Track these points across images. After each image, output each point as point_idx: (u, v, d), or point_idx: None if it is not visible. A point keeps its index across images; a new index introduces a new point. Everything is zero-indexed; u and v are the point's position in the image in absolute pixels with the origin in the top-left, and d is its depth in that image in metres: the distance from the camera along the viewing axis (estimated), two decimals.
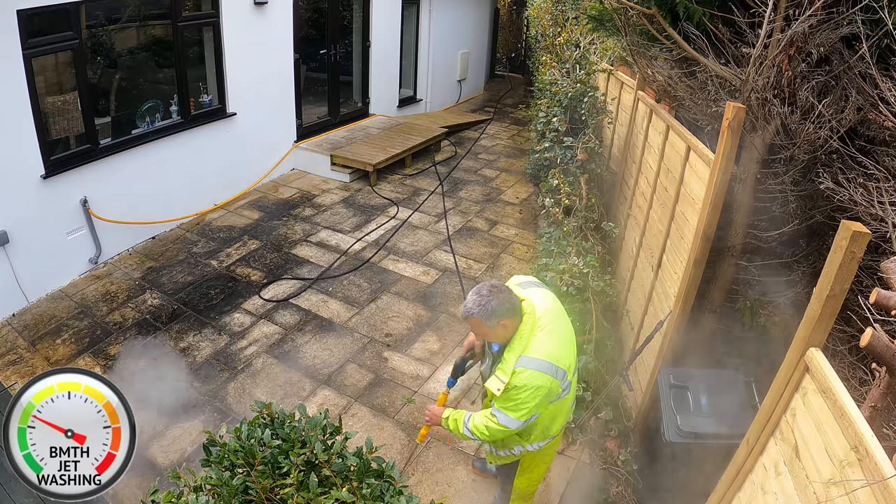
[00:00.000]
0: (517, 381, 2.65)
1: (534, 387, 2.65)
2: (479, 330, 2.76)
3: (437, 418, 3.03)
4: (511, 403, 2.70)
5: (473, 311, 2.67)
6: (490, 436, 2.84)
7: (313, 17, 9.62)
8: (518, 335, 2.71)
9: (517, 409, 2.70)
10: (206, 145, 7.39)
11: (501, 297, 2.67)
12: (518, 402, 2.68)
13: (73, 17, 5.49)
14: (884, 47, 3.14)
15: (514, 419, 2.73)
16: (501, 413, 2.74)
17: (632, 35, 4.54)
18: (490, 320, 2.66)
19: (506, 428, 2.77)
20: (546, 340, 2.70)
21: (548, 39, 9.32)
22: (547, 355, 2.68)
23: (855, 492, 1.79)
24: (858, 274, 2.96)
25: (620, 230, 5.85)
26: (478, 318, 2.67)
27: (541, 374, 2.66)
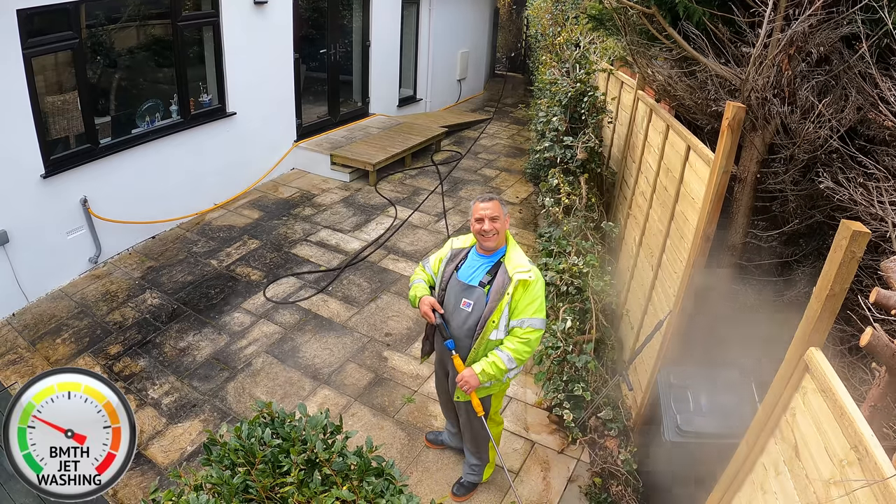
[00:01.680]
0: (535, 274, 3.00)
1: (539, 278, 3.02)
2: (496, 211, 3.03)
3: (474, 378, 3.08)
4: (536, 303, 2.99)
5: (495, 196, 3.10)
6: (530, 349, 3.03)
7: (313, 16, 9.61)
8: (510, 247, 3.12)
9: (541, 305, 3.01)
10: (206, 145, 7.39)
11: None
12: (539, 299, 3.00)
13: (72, 16, 5.49)
14: (884, 47, 3.15)
15: (542, 318, 3.03)
16: (536, 319, 3.01)
17: (632, 34, 4.54)
18: (505, 208, 3.08)
19: (541, 331, 3.04)
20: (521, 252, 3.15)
21: (547, 39, 9.31)
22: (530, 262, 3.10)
23: (855, 491, 1.79)
24: (858, 273, 2.96)
25: (620, 230, 5.85)
26: (498, 202, 3.06)
27: (536, 267, 3.07)
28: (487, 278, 3.11)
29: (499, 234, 3.05)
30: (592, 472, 4.20)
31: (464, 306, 3.14)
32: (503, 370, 3.03)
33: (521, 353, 2.99)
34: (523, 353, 2.99)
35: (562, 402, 4.52)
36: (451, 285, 3.20)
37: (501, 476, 4.14)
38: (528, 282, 2.97)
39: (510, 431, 4.51)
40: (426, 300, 3.21)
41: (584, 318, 4.91)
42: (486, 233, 3.06)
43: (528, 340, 2.97)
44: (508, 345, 3.01)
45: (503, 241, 3.11)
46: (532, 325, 2.96)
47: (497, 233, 3.04)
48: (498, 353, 3.03)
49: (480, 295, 3.09)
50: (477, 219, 3.08)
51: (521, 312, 2.97)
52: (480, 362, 3.06)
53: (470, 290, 3.13)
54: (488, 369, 3.03)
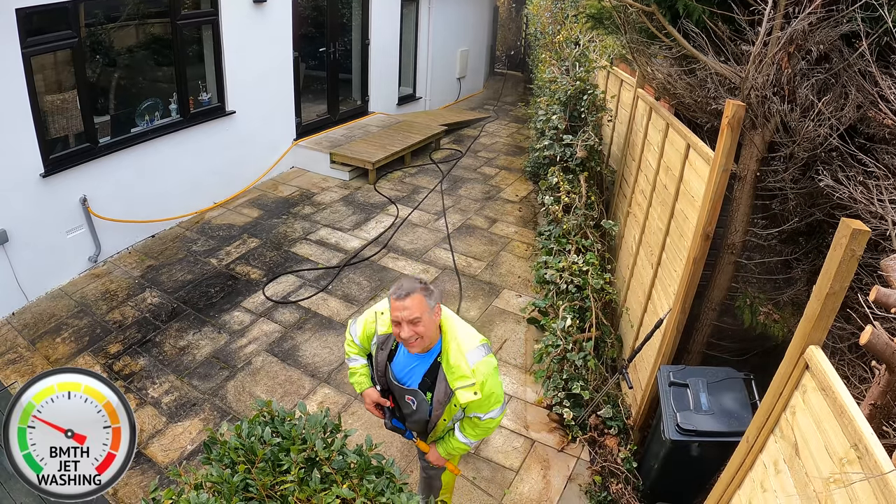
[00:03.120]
0: (482, 375, 2.59)
1: (492, 370, 2.63)
2: (415, 312, 2.48)
3: (440, 459, 2.98)
4: (492, 399, 2.67)
5: (417, 288, 2.51)
6: (490, 432, 2.82)
7: (312, 15, 9.60)
8: (447, 340, 2.63)
9: (496, 397, 2.68)
10: (206, 143, 7.38)
11: (432, 287, 2.59)
12: (493, 393, 2.65)
13: (72, 15, 5.48)
14: (883, 45, 3.14)
15: (500, 407, 2.73)
16: (492, 411, 2.71)
17: (631, 33, 4.54)
18: (430, 300, 2.53)
19: (500, 417, 2.77)
20: (465, 331, 2.68)
21: (547, 37, 9.31)
22: (477, 341, 2.67)
23: (853, 485, 1.79)
24: (858, 271, 2.96)
25: (620, 228, 5.85)
26: (420, 295, 2.49)
27: (486, 357, 2.63)
28: (427, 382, 2.72)
29: (424, 338, 2.55)
30: (592, 471, 4.20)
31: (409, 401, 2.81)
32: (466, 448, 2.90)
33: (480, 436, 2.83)
34: (482, 435, 2.83)
35: (562, 401, 4.52)
36: (389, 377, 2.82)
37: (501, 475, 4.15)
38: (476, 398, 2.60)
39: (510, 430, 4.52)
40: (369, 397, 2.89)
41: (584, 316, 4.91)
42: (406, 340, 2.56)
43: (488, 428, 2.78)
44: (469, 429, 2.80)
45: (436, 336, 2.64)
46: (491, 416, 2.72)
47: (420, 337, 2.54)
48: (458, 437, 2.85)
49: (423, 398, 2.75)
50: (393, 321, 2.56)
51: (478, 409, 2.69)
52: (441, 444, 2.93)
53: (411, 392, 2.77)
54: (451, 450, 2.91)
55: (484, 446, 4.36)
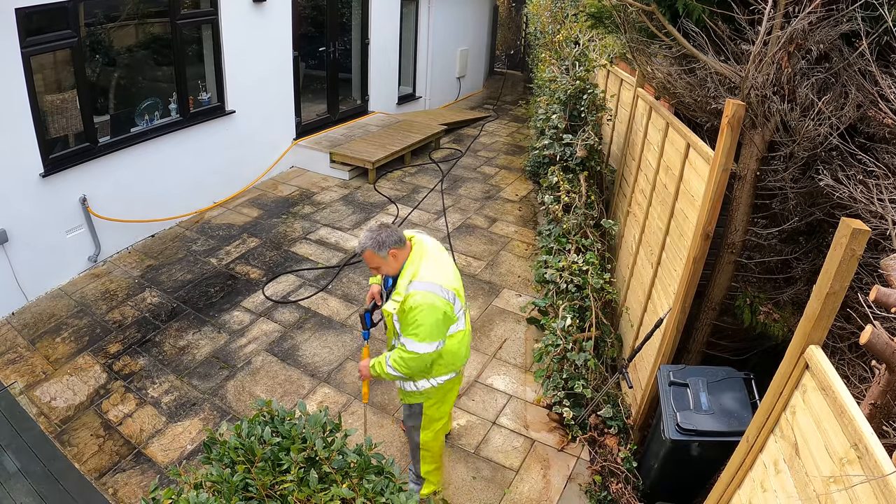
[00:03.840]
0: (411, 302, 2.97)
1: (427, 304, 2.97)
2: (373, 261, 3.06)
3: (366, 370, 3.35)
4: (412, 327, 3.01)
5: (367, 244, 3.01)
6: (406, 366, 3.10)
7: (312, 14, 9.59)
8: (409, 263, 3.08)
9: (418, 331, 3.00)
10: (206, 143, 7.38)
11: (389, 230, 3.03)
12: (417, 325, 2.99)
13: (71, 15, 5.48)
14: (883, 44, 3.14)
15: (419, 343, 3.03)
16: (409, 340, 3.04)
17: (631, 32, 4.54)
18: (381, 250, 3.00)
19: (416, 353, 3.06)
20: (432, 267, 3.08)
21: (547, 36, 9.32)
22: (434, 278, 3.04)
23: (854, 487, 1.79)
24: (858, 271, 2.97)
25: (620, 227, 5.85)
26: (371, 250, 3.01)
27: (431, 293, 2.99)
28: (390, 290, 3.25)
29: (381, 269, 3.13)
30: (592, 470, 4.20)
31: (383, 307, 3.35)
32: (385, 372, 3.20)
33: (397, 363, 3.12)
34: (399, 365, 3.12)
35: (561, 400, 4.52)
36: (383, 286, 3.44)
37: (501, 474, 4.15)
38: (402, 309, 3.05)
39: (510, 429, 4.52)
40: (372, 288, 3.50)
41: (584, 315, 4.91)
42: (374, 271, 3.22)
43: (402, 356, 3.09)
44: (394, 353, 3.15)
45: (397, 268, 3.12)
46: (403, 343, 3.07)
47: (377, 267, 3.13)
48: (384, 357, 3.21)
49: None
50: None
51: (402, 330, 3.10)
52: (375, 359, 3.29)
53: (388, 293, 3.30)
54: (376, 366, 3.25)
55: (484, 445, 4.36)
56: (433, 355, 3.13)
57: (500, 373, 5.10)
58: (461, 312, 3.26)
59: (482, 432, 4.49)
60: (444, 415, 3.55)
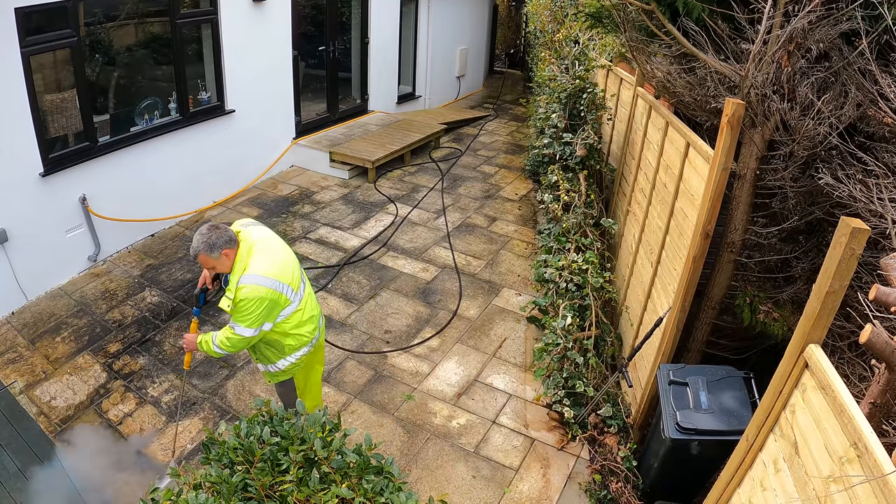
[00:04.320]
0: (241, 295, 3.18)
1: (256, 298, 3.19)
2: (208, 263, 3.26)
3: (192, 343, 3.53)
4: (240, 315, 3.23)
5: (199, 248, 3.19)
6: (232, 346, 3.34)
7: (312, 13, 9.58)
8: (237, 260, 3.27)
9: (245, 318, 3.23)
10: (205, 142, 7.37)
11: (218, 231, 3.21)
12: (245, 313, 3.21)
13: (71, 14, 5.47)
14: (883, 43, 3.14)
15: (246, 328, 3.26)
16: (237, 325, 3.27)
17: (631, 31, 4.54)
18: (213, 252, 3.19)
19: (242, 336, 3.29)
20: (261, 260, 3.27)
21: (546, 35, 9.30)
22: (263, 272, 3.24)
23: (854, 488, 1.79)
24: (858, 270, 2.97)
25: (619, 226, 5.85)
26: (203, 254, 3.19)
27: (259, 286, 3.20)
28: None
29: (216, 269, 3.33)
30: (592, 470, 4.21)
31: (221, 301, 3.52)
32: (211, 349, 3.42)
33: (223, 343, 3.35)
34: (226, 345, 3.35)
35: (561, 399, 4.52)
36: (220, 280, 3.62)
37: (501, 473, 4.15)
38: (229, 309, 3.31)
39: (509, 428, 4.52)
40: (205, 273, 3.60)
41: (584, 314, 4.91)
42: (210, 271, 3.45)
43: (229, 338, 3.33)
44: (220, 333, 3.39)
45: (230, 266, 3.31)
46: (233, 328, 3.30)
47: (212, 267, 3.32)
48: (213, 335, 3.42)
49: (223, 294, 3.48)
50: None
51: (232, 316, 3.31)
52: (203, 335, 3.49)
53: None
54: (202, 343, 3.46)
55: (483, 444, 4.36)
56: (258, 337, 3.38)
57: (500, 372, 5.10)
58: (294, 295, 3.43)
59: (482, 431, 4.49)
60: (315, 383, 3.92)
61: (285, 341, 3.52)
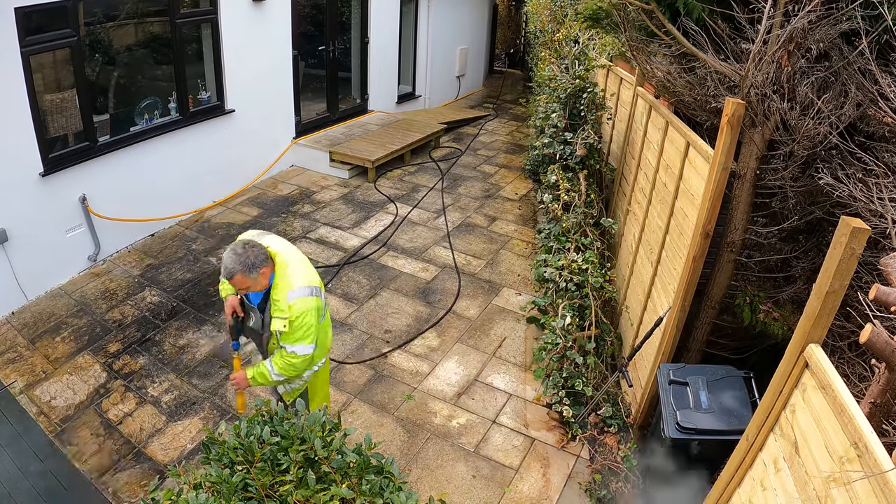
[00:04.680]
0: (296, 311, 3.07)
1: (308, 309, 3.10)
2: (244, 284, 3.05)
3: (244, 381, 3.34)
4: (300, 333, 3.10)
5: (237, 269, 2.97)
6: (296, 369, 3.20)
7: (311, 13, 9.58)
8: (278, 277, 3.12)
9: (306, 335, 3.12)
10: (205, 142, 7.37)
11: (255, 250, 3.03)
12: (305, 329, 3.11)
13: (71, 14, 5.47)
14: (883, 43, 3.14)
15: (308, 345, 3.16)
16: (297, 346, 3.13)
17: (631, 31, 4.54)
18: (252, 272, 3.00)
19: (305, 356, 3.17)
20: (298, 271, 3.16)
21: (546, 35, 9.29)
22: (307, 282, 3.15)
23: (854, 485, 1.79)
24: (858, 270, 2.97)
25: (619, 226, 5.85)
26: (242, 274, 2.99)
27: (308, 297, 3.11)
28: (263, 305, 3.34)
29: (251, 287, 3.14)
30: (592, 469, 4.21)
31: (251, 318, 3.45)
32: (269, 380, 3.27)
33: (286, 369, 3.20)
34: (288, 370, 3.20)
35: (561, 399, 4.52)
36: (245, 300, 3.42)
37: (501, 473, 4.15)
38: (285, 329, 3.10)
39: (510, 428, 4.52)
40: (230, 301, 3.39)
41: (584, 314, 4.91)
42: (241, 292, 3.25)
43: (290, 363, 3.18)
44: (277, 360, 3.21)
45: (265, 285, 3.16)
46: (294, 351, 3.14)
47: (248, 287, 3.13)
48: (267, 365, 3.24)
49: (259, 316, 3.39)
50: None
51: (286, 339, 3.15)
52: (252, 368, 3.31)
53: (254, 309, 3.39)
54: (257, 377, 3.28)
55: (483, 444, 4.36)
56: (328, 340, 3.39)
57: (500, 371, 5.10)
58: (325, 297, 3.35)
59: (482, 431, 4.49)
60: (325, 386, 3.84)
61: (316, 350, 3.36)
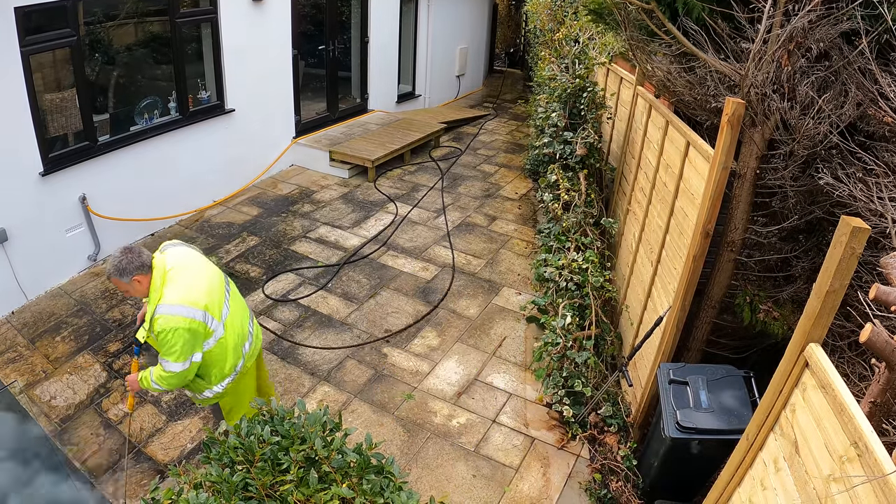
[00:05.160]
0: (157, 326, 3.03)
1: (172, 328, 3.02)
2: (121, 287, 3.14)
3: (135, 383, 3.40)
4: (164, 348, 3.08)
5: (110, 271, 3.08)
6: (167, 382, 3.21)
7: (311, 13, 9.58)
8: (152, 289, 3.11)
9: (170, 353, 3.08)
10: (205, 142, 7.37)
11: (130, 255, 3.06)
12: (168, 346, 3.06)
13: (70, 13, 5.47)
14: (883, 43, 3.14)
15: (174, 362, 3.11)
16: (165, 361, 3.13)
17: (631, 30, 4.53)
18: (124, 277, 3.04)
19: (173, 372, 3.15)
20: (176, 289, 3.09)
21: (546, 34, 9.29)
22: (179, 300, 3.06)
23: (854, 487, 1.79)
24: (858, 269, 2.97)
25: (619, 226, 5.85)
26: (115, 277, 3.07)
27: (174, 316, 3.03)
28: None
29: (129, 293, 3.19)
30: (592, 469, 4.21)
31: None
32: (150, 386, 3.29)
33: (160, 380, 3.22)
34: (162, 382, 3.22)
35: (561, 399, 4.52)
36: None
37: (501, 472, 4.15)
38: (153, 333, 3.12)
39: (510, 427, 4.52)
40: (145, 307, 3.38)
41: (584, 314, 4.91)
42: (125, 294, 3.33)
43: (162, 375, 3.20)
44: (155, 369, 3.25)
45: (145, 292, 3.16)
46: (163, 365, 3.17)
47: (127, 291, 3.18)
48: (150, 371, 3.29)
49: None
50: None
51: (158, 350, 3.16)
52: (143, 371, 3.34)
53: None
54: (143, 381, 3.32)
55: (484, 444, 4.37)
56: (192, 369, 3.22)
57: (500, 371, 5.10)
58: (217, 324, 3.26)
59: (482, 430, 4.49)
60: (243, 404, 3.65)
61: (211, 370, 3.38)
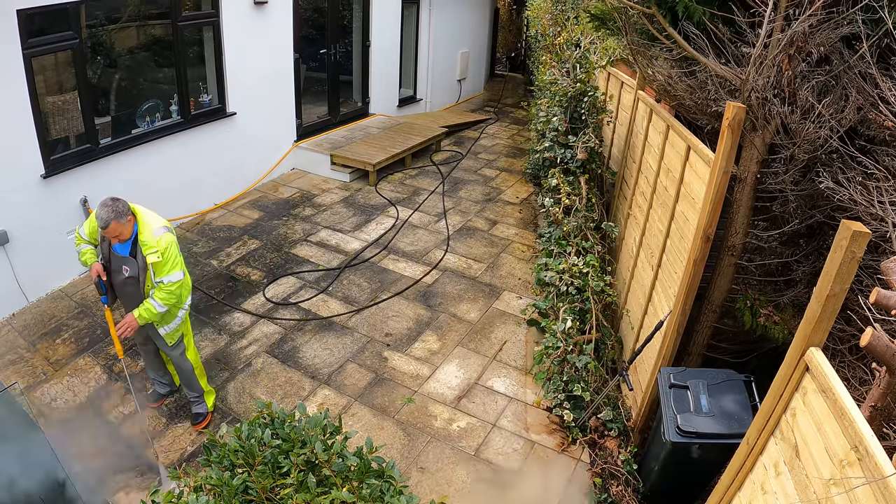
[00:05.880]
0: (164, 243, 3.74)
1: (172, 241, 3.79)
2: (117, 230, 3.62)
3: (133, 321, 3.83)
4: (171, 261, 3.77)
5: (112, 217, 3.56)
6: (176, 295, 3.84)
7: (313, 16, 9.60)
8: (139, 222, 3.74)
9: (176, 262, 3.80)
10: (206, 145, 7.38)
11: (122, 202, 3.62)
12: (174, 256, 3.78)
13: (72, 16, 5.48)
14: (884, 47, 3.15)
15: (178, 271, 3.83)
16: (171, 274, 3.78)
17: (632, 34, 4.54)
18: (122, 219, 3.61)
19: (179, 281, 3.83)
20: (152, 216, 3.83)
21: (548, 39, 9.31)
22: (161, 223, 3.82)
23: (854, 490, 1.79)
24: (858, 273, 2.96)
25: (620, 230, 5.86)
26: (116, 221, 3.57)
27: (168, 233, 3.80)
28: (133, 252, 3.86)
29: (122, 235, 3.70)
30: (592, 473, 4.20)
31: (124, 271, 3.91)
32: (154, 312, 3.82)
33: (167, 298, 3.81)
34: (169, 299, 3.82)
35: (562, 403, 4.52)
36: (112, 256, 3.92)
37: (501, 476, 4.14)
38: (159, 261, 3.73)
39: (510, 431, 4.52)
40: (95, 268, 3.90)
41: (584, 318, 4.91)
42: (113, 240, 3.80)
43: (170, 291, 3.80)
44: (157, 294, 3.80)
45: (131, 231, 3.73)
46: (170, 279, 3.78)
47: (120, 234, 3.68)
48: (150, 301, 3.81)
49: (133, 264, 3.87)
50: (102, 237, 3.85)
51: (160, 273, 3.76)
52: (137, 309, 3.83)
53: (126, 259, 3.88)
54: (143, 313, 3.81)
55: (484, 447, 4.36)
56: (187, 278, 3.95)
57: (501, 375, 5.10)
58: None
59: (482, 434, 4.49)
60: (191, 340, 4.37)
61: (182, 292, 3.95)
